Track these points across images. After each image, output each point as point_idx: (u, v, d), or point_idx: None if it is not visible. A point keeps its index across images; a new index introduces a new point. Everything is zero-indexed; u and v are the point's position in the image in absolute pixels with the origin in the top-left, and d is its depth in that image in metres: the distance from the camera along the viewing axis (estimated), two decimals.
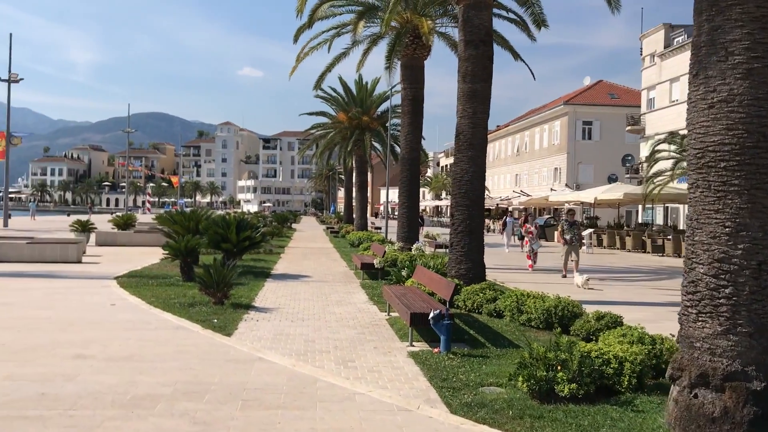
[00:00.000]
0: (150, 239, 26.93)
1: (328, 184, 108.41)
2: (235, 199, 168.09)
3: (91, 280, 15.23)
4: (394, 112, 35.24)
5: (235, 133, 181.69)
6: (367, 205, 42.46)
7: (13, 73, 43.04)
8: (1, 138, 43.72)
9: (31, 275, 15.89)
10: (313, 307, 12.24)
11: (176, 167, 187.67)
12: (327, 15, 22.14)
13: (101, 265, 19.01)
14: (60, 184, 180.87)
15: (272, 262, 21.60)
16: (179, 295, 12.88)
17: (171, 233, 18.65)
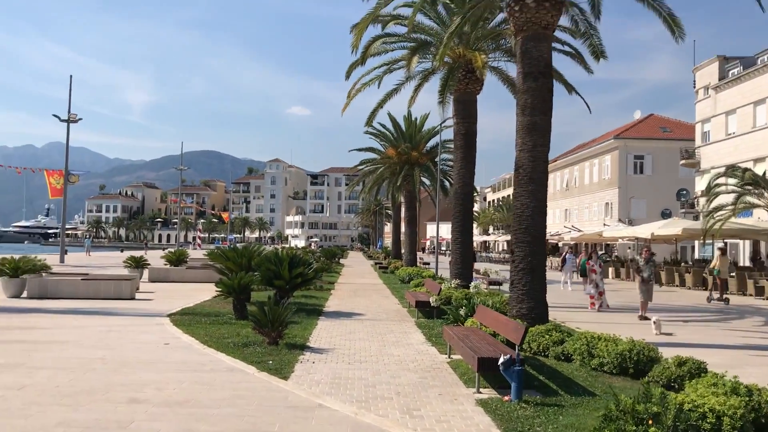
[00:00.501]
0: (202, 275, 26.96)
1: (375, 219, 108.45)
2: (283, 235, 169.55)
3: (144, 318, 15.11)
4: (443, 147, 34.93)
5: (283, 170, 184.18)
6: (416, 240, 41.98)
7: (72, 113, 44.30)
8: (60, 176, 44.85)
9: (86, 312, 15.86)
10: (370, 348, 11.80)
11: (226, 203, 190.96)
12: (379, 51, 22.09)
13: (154, 301, 18.95)
14: (114, 221, 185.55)
15: (323, 298, 21.28)
16: (232, 334, 12.60)
17: (223, 269, 18.53)
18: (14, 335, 12.04)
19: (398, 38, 22.14)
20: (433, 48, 21.94)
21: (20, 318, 14.60)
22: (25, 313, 15.37)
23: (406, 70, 20.27)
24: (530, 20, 13.60)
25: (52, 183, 44.94)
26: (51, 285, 19.14)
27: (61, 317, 14.88)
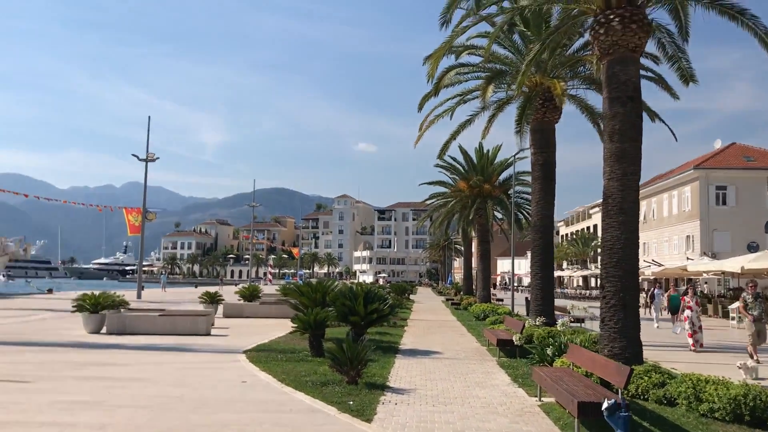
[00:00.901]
0: (275, 311, 26.91)
1: (444, 254, 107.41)
2: (351, 270, 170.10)
3: (220, 354, 14.93)
4: (517, 179, 34.16)
5: (351, 206, 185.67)
6: (490, 275, 40.99)
7: (150, 153, 45.71)
8: (138, 214, 46.13)
9: (163, 348, 15.82)
10: (453, 389, 11.18)
11: (296, 239, 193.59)
12: (452, 82, 21.76)
13: (229, 337, 18.85)
14: (189, 257, 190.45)
15: (398, 335, 20.75)
16: (310, 372, 12.21)
17: (298, 305, 18.27)
18: (94, 371, 11.99)
19: (472, 68, 21.78)
20: (508, 77, 21.46)
21: (100, 354, 14.65)
22: (104, 349, 15.44)
23: (480, 100, 19.80)
24: (616, 43, 12.97)
25: (131, 220, 46.23)
26: (129, 321, 19.32)
27: (139, 353, 14.87)
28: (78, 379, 11.09)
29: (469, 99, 22.51)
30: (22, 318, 25.17)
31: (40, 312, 28.87)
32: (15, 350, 15.12)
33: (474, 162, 39.98)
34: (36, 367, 12.31)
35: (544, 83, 19.83)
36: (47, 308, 31.83)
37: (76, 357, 13.97)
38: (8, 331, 19.69)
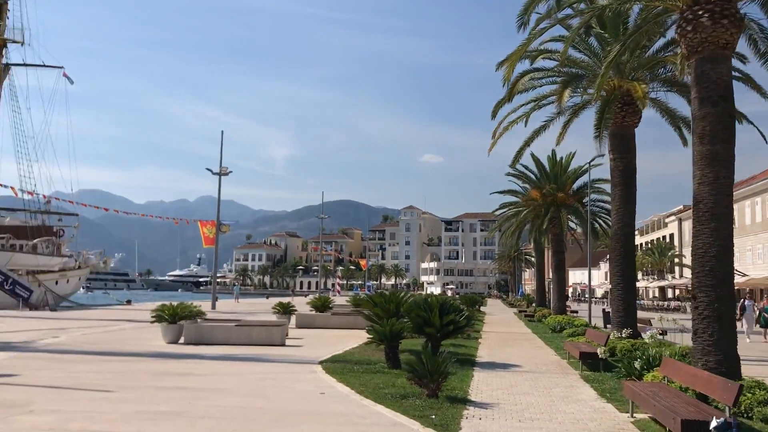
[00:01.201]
0: (347, 322, 26.85)
1: (514, 265, 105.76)
2: (419, 281, 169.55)
3: (296, 365, 14.87)
4: (592, 187, 33.21)
5: (417, 217, 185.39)
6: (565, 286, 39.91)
7: (223, 167, 46.71)
8: (212, 226, 47.17)
9: (240, 358, 15.89)
10: (538, 404, 10.72)
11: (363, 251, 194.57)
12: (526, 88, 21.29)
13: (304, 348, 18.83)
14: (259, 269, 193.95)
15: (473, 347, 20.31)
16: (387, 384, 11.96)
17: (371, 316, 18.10)
18: (175, 381, 12.08)
19: (546, 73, 21.25)
20: (584, 81, 20.83)
21: (179, 364, 14.80)
22: (183, 359, 15.61)
23: (556, 105, 19.28)
24: (706, 40, 12.31)
25: (205, 233, 47.31)
26: (206, 331, 19.56)
27: (216, 363, 14.96)
28: (159, 389, 11.18)
29: (544, 104, 21.97)
30: (104, 328, 25.91)
31: (120, 322, 29.70)
32: (98, 359, 15.47)
33: (547, 170, 39.09)
34: (119, 377, 12.50)
35: (623, 86, 19.13)
36: (127, 319, 32.74)
37: (157, 367, 14.15)
38: (91, 341, 20.25)
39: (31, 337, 21.18)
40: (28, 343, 19.15)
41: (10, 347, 17.69)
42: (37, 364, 14.17)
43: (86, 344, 19.19)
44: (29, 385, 11.10)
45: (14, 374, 12.36)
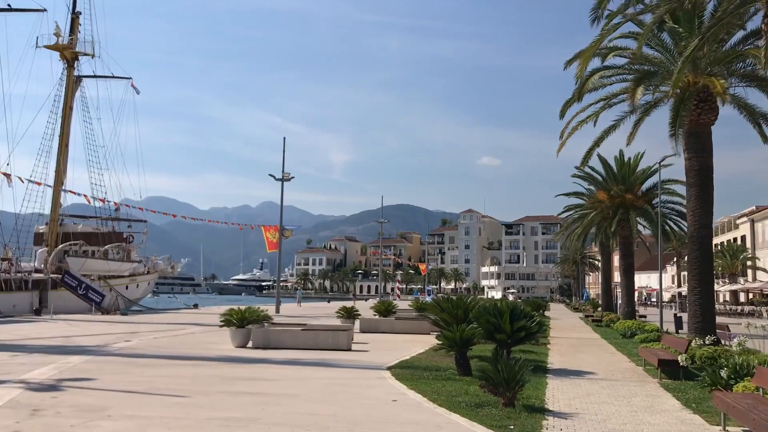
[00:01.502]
0: (411, 326, 26.65)
1: (577, 269, 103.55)
2: (479, 286, 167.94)
3: (364, 370, 14.72)
4: (663, 187, 32.06)
5: (477, 220, 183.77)
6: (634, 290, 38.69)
7: (285, 173, 47.15)
8: (276, 231, 47.66)
9: (307, 363, 15.84)
10: (620, 414, 10.25)
11: (422, 255, 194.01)
12: (595, 87, 20.67)
13: (369, 353, 18.68)
14: (320, 273, 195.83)
15: (542, 353, 19.77)
16: (460, 391, 11.67)
17: (438, 321, 17.83)
18: (246, 386, 12.07)
19: (616, 70, 20.58)
20: (656, 78, 20.07)
21: (249, 368, 14.85)
22: (252, 364, 15.66)
23: (629, 103, 18.62)
24: None
25: (269, 237, 47.83)
26: (274, 335, 19.65)
27: (285, 368, 14.94)
28: (231, 394, 11.18)
29: (614, 103, 21.28)
30: (173, 332, 26.41)
31: (188, 326, 30.24)
32: (170, 364, 15.68)
33: (614, 171, 37.98)
34: (191, 382, 12.60)
35: (700, 82, 18.34)
36: (195, 323, 33.34)
37: (227, 371, 14.22)
38: (161, 345, 20.62)
39: (104, 341, 21.70)
40: (102, 347, 19.62)
41: (85, 351, 18.14)
42: (111, 368, 14.44)
43: (157, 348, 19.54)
44: (105, 390, 11.27)
45: (90, 378, 12.59)
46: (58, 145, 49.67)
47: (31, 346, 19.41)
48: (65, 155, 49.96)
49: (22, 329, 26.71)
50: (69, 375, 12.96)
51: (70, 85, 50.55)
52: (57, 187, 48.97)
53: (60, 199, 49.59)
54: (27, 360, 15.69)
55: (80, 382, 11.98)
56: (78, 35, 51.24)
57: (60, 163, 49.51)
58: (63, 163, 49.66)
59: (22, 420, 8.62)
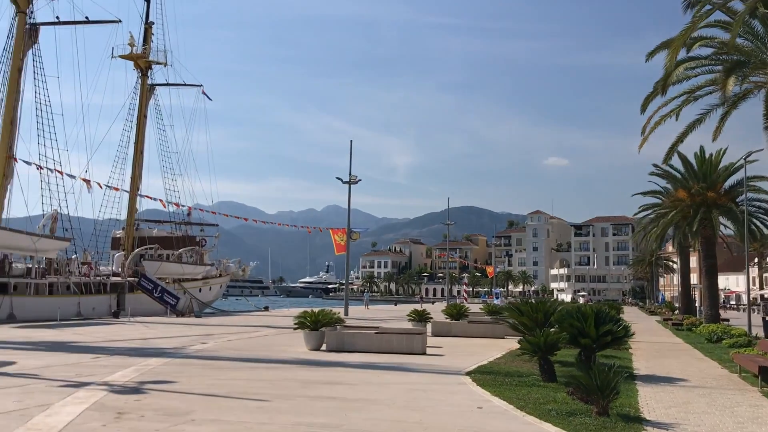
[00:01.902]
0: (484, 330, 26.12)
1: (651, 270, 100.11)
2: (547, 288, 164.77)
3: (443, 375, 14.31)
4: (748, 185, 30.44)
5: (545, 222, 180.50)
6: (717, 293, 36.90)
7: (352, 176, 47.19)
8: (343, 234, 47.77)
9: (384, 367, 15.54)
10: (724, 426, 9.53)
11: (488, 257, 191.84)
12: (680, 79, 19.68)
13: (445, 357, 18.26)
14: (385, 275, 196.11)
15: (626, 359, 18.93)
16: (547, 399, 11.13)
17: (517, 325, 17.27)
18: (325, 391, 11.85)
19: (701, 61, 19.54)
20: (747, 68, 18.94)
21: (325, 372, 14.66)
22: (328, 367, 15.47)
23: (720, 95, 17.61)
24: None
25: (337, 240, 47.98)
26: (347, 338, 19.46)
27: (362, 372, 14.69)
28: (311, 398, 10.97)
29: (700, 96, 20.23)
30: (247, 334, 26.63)
31: (260, 329, 30.49)
32: (247, 367, 15.66)
33: (694, 168, 36.34)
34: (270, 385, 12.46)
35: None
36: (266, 325, 33.64)
37: (305, 375, 14.06)
38: (236, 347, 20.73)
39: (181, 343, 22.00)
40: (179, 349, 19.85)
41: (162, 353, 18.36)
42: (190, 370, 14.49)
43: (233, 350, 19.63)
44: (187, 393, 11.23)
45: (171, 381, 12.61)
46: (133, 152, 51.23)
47: (111, 348, 19.81)
48: (140, 162, 51.47)
49: (101, 331, 27.44)
50: (150, 377, 13.04)
51: (144, 93, 52.06)
52: (133, 193, 50.47)
53: (136, 205, 51.11)
54: (108, 362, 15.95)
55: (161, 385, 12.00)
56: (151, 45, 52.74)
57: (135, 169, 51.04)
58: (138, 170, 51.17)
59: (108, 423, 8.60)
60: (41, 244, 36.31)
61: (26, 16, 40.22)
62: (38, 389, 11.33)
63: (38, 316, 34.35)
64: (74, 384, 11.98)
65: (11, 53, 39.62)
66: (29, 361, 15.83)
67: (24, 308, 35.10)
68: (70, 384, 11.99)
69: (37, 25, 41.11)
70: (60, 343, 21.19)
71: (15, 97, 39.44)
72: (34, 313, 34.76)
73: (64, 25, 43.24)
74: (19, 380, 12.44)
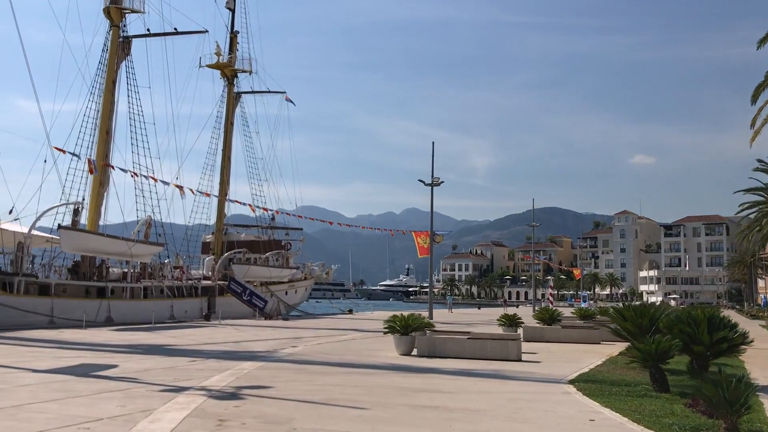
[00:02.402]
0: (578, 335, 25.11)
1: (750, 272, 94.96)
2: (636, 291, 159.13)
3: (544, 384, 13.63)
4: None
5: (633, 222, 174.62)
6: None
7: (435, 177, 46.72)
8: (426, 236, 47.35)
9: (480, 374, 15.01)
10: None
11: (573, 259, 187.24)
12: None
13: (542, 364, 17.50)
14: (466, 279, 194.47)
15: (739, 367, 17.55)
16: (664, 411, 10.33)
17: (620, 331, 16.37)
18: (424, 399, 11.42)
19: None
20: None
21: (421, 378, 14.24)
22: (422, 373, 15.05)
23: None
24: None
25: (420, 243, 47.64)
26: (439, 343, 18.99)
27: (458, 379, 14.18)
28: (412, 407, 10.56)
29: None
30: (335, 338, 26.59)
31: (347, 332, 30.46)
32: (340, 371, 15.42)
33: None
34: (367, 392, 12.15)
35: None
36: (352, 328, 33.61)
37: (400, 381, 13.68)
38: (327, 351, 20.62)
39: (272, 346, 22.10)
40: (271, 352, 19.89)
41: (255, 357, 18.43)
42: (285, 375, 14.38)
43: (323, 354, 19.51)
44: (284, 399, 11.05)
45: (267, 386, 12.50)
46: (221, 158, 52.53)
47: (205, 352, 20.06)
48: (228, 168, 52.72)
49: (194, 334, 28.01)
50: (246, 382, 12.98)
51: (231, 101, 53.33)
52: (222, 198, 51.70)
53: (224, 210, 52.36)
54: (204, 366, 16.08)
55: (258, 390, 11.89)
56: (236, 53, 53.96)
57: (224, 175, 52.32)
58: (226, 176, 52.44)
59: (211, 431, 8.47)
60: (136, 249, 37.58)
61: (119, 30, 41.86)
62: (140, 393, 11.41)
63: (134, 319, 35.54)
64: (174, 388, 12.03)
65: (106, 66, 41.26)
66: (129, 364, 16.14)
67: (120, 311, 36.37)
68: (169, 388, 12.04)
69: (130, 38, 42.70)
70: (156, 347, 21.66)
71: (110, 108, 41.07)
72: (130, 316, 35.98)
73: (154, 37, 44.69)
74: (121, 384, 12.62)
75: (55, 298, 33.50)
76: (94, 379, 13.28)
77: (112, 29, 41.51)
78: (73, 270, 37.66)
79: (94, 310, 33.94)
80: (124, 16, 42.16)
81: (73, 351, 19.82)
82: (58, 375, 13.79)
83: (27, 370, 14.77)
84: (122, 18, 41.99)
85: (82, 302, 34.57)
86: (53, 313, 32.32)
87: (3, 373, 14.12)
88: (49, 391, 11.60)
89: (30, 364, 15.92)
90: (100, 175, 39.31)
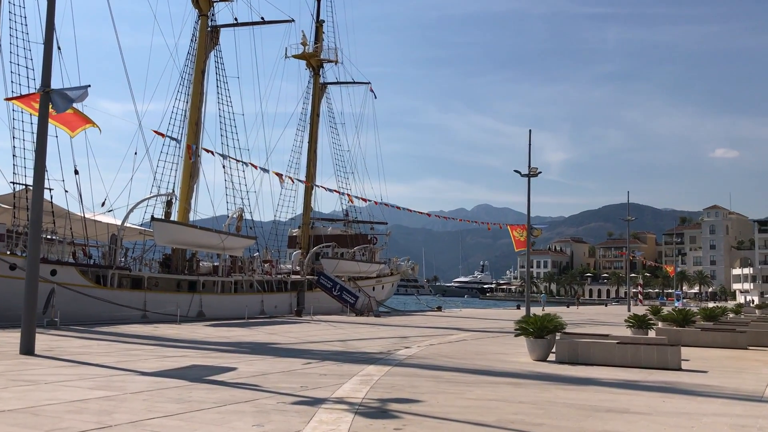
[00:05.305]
0: (721, 339, 22.28)
1: None
2: (728, 290, 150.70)
3: (747, 403, 11.08)
4: None
5: (723, 217, 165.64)
6: None
7: (533, 168, 44.12)
8: (522, 230, 44.92)
9: (652, 388, 12.55)
10: None
11: (657, 256, 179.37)
12: None
13: (710, 374, 14.91)
14: (545, 276, 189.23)
15: None
16: None
17: None
18: (614, 424, 9.12)
19: None
20: None
21: (586, 393, 11.88)
22: (581, 385, 12.72)
23: None
24: None
25: (516, 236, 45.26)
26: (582, 348, 16.59)
27: (633, 394, 11.77)
28: None
29: None
30: (444, 338, 24.71)
31: (452, 331, 28.45)
32: (484, 381, 13.28)
33: None
34: (539, 410, 9.89)
35: None
36: (454, 327, 31.59)
37: (564, 395, 11.37)
38: (446, 354, 18.62)
39: (383, 346, 20.29)
40: (386, 354, 18.03)
41: (373, 359, 16.60)
42: (423, 384, 12.36)
43: (445, 358, 17.50)
44: (448, 419, 9.01)
45: (415, 399, 10.50)
46: (307, 151, 51.28)
47: (314, 352, 18.41)
48: (314, 161, 51.45)
49: (291, 330, 26.62)
50: (386, 393, 11.03)
51: (317, 92, 52.01)
52: (308, 192, 50.48)
53: (311, 203, 51.13)
54: (323, 370, 14.30)
55: (408, 405, 9.90)
56: (322, 43, 52.58)
57: (310, 168, 51.07)
58: (312, 168, 51.17)
59: None
60: (229, 242, 36.54)
61: (208, 19, 40.97)
62: (272, 407, 9.62)
63: (225, 313, 34.50)
64: (308, 400, 10.21)
65: (194, 56, 40.44)
66: (241, 366, 14.52)
67: (211, 306, 35.43)
68: (302, 400, 10.23)
69: (218, 27, 41.79)
70: (260, 345, 20.17)
71: (199, 99, 40.23)
72: (221, 311, 34.98)
73: (241, 27, 43.71)
74: (245, 393, 10.88)
75: (147, 292, 32.75)
76: (211, 386, 11.61)
77: (200, 18, 40.65)
78: (164, 263, 36.94)
79: (186, 305, 33.00)
80: (213, 5, 41.26)
81: (176, 349, 18.47)
82: (171, 380, 12.19)
83: (133, 372, 13.30)
84: (210, 7, 41.10)
85: (174, 296, 33.74)
86: (146, 307, 31.53)
87: (108, 376, 12.66)
88: (166, 401, 9.95)
89: (135, 364, 14.49)
90: (190, 167, 38.49)
